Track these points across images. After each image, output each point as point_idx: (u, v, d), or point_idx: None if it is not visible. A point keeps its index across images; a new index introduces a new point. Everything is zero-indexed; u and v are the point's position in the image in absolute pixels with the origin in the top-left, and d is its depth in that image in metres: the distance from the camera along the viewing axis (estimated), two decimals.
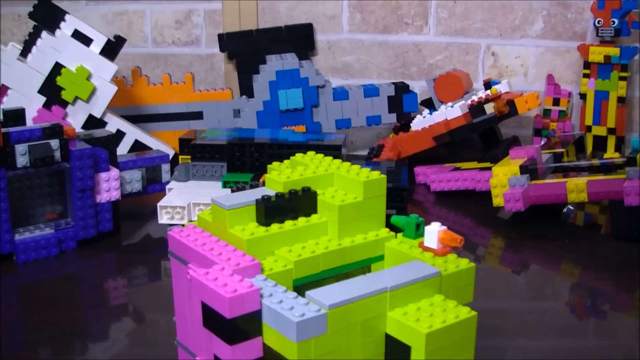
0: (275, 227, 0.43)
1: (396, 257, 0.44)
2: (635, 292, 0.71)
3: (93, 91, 1.01)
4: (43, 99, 1.00)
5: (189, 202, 0.83)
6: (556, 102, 1.18)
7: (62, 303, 0.69)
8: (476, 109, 1.04)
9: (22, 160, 0.75)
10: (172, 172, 0.95)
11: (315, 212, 0.46)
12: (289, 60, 1.11)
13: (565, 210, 0.94)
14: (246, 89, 1.22)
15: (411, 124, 1.12)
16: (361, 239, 0.45)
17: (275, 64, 1.11)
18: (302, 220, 0.45)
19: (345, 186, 0.46)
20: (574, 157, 0.98)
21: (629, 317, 0.67)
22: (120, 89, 1.08)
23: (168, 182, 0.92)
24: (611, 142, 1.14)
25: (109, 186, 0.83)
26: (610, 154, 0.99)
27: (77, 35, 1.00)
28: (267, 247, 0.41)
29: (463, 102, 1.07)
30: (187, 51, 1.34)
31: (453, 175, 0.98)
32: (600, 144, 1.15)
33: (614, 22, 1.11)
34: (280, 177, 0.46)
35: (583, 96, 1.16)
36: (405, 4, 1.24)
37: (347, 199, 0.45)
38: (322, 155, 0.51)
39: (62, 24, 1.01)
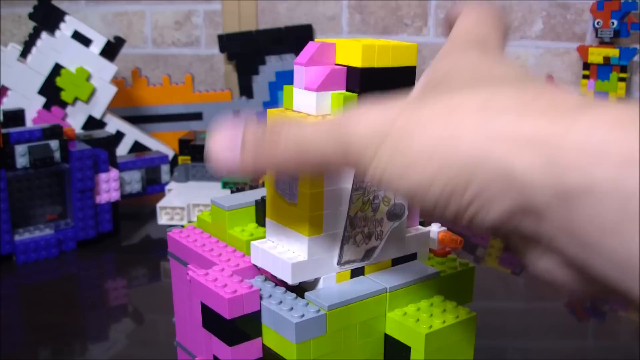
0: None
1: None
2: None
3: (93, 92, 1.01)
4: (43, 99, 1.00)
5: (189, 203, 0.83)
6: None
7: (61, 303, 0.69)
8: None
9: (21, 161, 0.75)
10: (171, 172, 0.95)
11: None
12: (289, 61, 1.11)
13: None
14: (246, 90, 1.22)
15: None
16: None
17: (275, 65, 1.11)
18: None
19: None
20: None
21: (628, 318, 0.67)
22: (120, 90, 1.08)
23: (168, 183, 0.92)
24: None
25: (109, 187, 0.83)
26: None
27: (77, 36, 1.00)
28: None
29: None
30: (187, 52, 1.34)
31: None
32: None
33: (613, 23, 1.11)
34: None
35: None
36: (404, 5, 1.25)
37: None
38: None
39: (62, 25, 1.01)
